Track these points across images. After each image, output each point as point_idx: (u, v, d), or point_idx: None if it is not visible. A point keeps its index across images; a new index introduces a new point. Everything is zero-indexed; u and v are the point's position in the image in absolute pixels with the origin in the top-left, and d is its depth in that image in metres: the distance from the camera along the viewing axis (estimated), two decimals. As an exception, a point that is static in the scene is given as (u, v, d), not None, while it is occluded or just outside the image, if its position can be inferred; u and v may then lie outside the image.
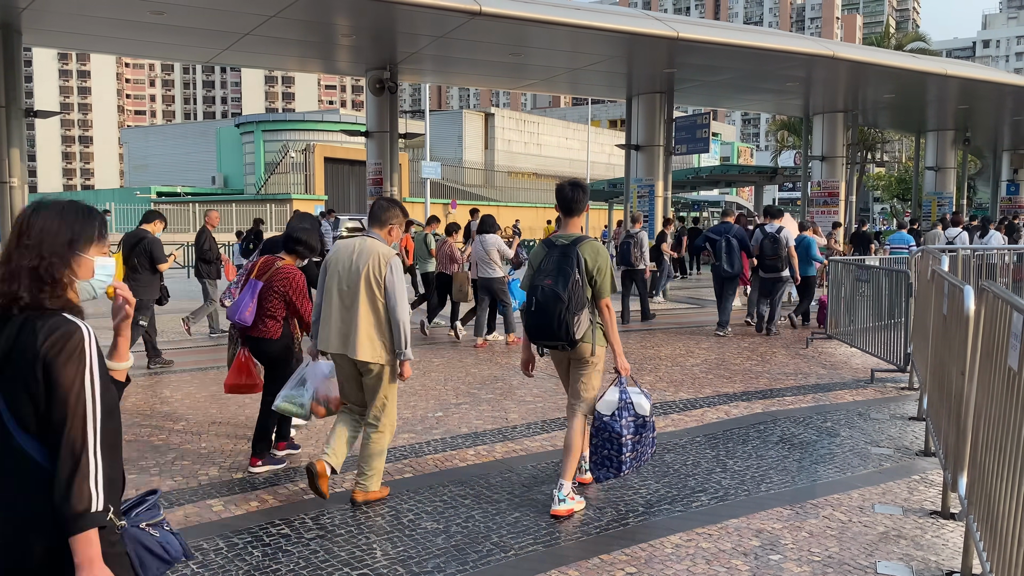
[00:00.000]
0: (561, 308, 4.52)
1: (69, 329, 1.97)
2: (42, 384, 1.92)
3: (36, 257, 2.00)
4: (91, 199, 51.63)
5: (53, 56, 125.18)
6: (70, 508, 1.89)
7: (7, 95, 11.34)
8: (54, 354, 1.93)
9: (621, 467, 4.65)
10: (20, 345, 1.94)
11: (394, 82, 14.89)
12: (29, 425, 1.94)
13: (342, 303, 4.68)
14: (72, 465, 1.90)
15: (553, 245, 4.72)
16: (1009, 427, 3.03)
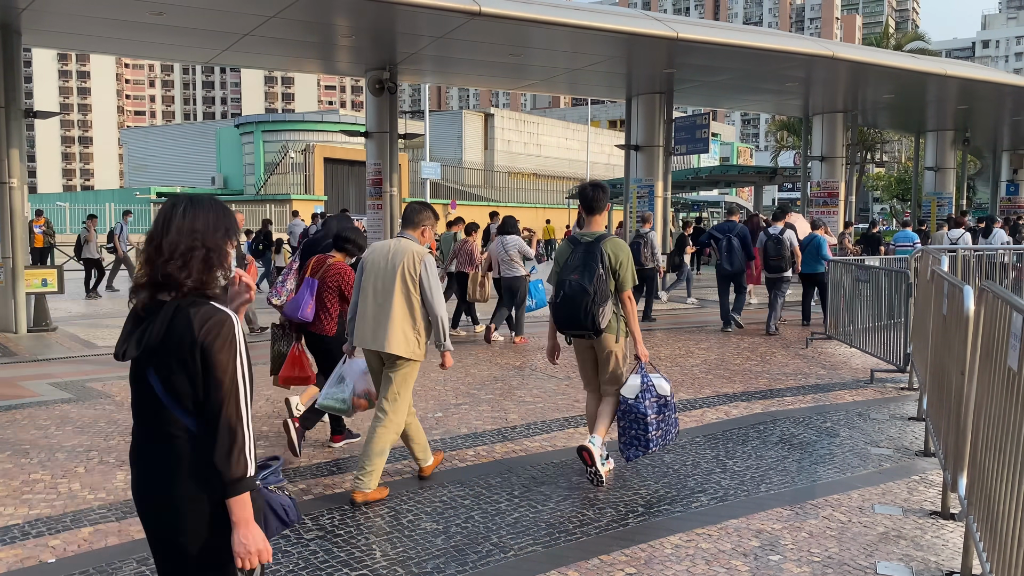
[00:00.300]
0: (588, 300, 4.92)
1: (222, 317, 2.20)
2: (199, 366, 2.15)
3: (202, 247, 2.23)
4: (90, 200, 51.64)
5: (53, 57, 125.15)
6: (230, 475, 2.15)
7: (7, 96, 11.32)
8: (210, 340, 2.16)
9: (649, 444, 5.07)
10: (175, 331, 2.17)
11: (394, 82, 14.88)
12: (184, 401, 2.18)
13: (376, 300, 4.86)
14: (230, 438, 2.15)
15: (578, 242, 5.14)
16: (1009, 427, 3.03)
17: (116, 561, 4.01)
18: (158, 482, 2.23)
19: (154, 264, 2.22)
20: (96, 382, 8.24)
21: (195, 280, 2.21)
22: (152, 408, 2.23)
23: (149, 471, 2.25)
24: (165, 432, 2.21)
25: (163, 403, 2.20)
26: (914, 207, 26.71)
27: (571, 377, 8.53)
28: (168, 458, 2.21)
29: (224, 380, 2.17)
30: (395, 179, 15.27)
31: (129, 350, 2.21)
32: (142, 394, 2.25)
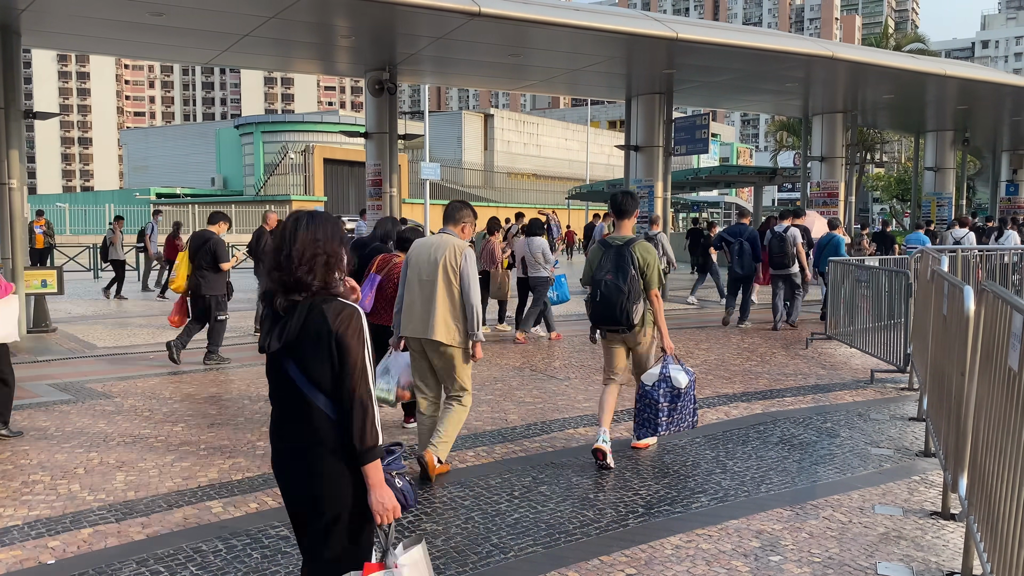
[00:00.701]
0: (622, 299, 5.45)
1: (351, 311, 2.59)
2: (334, 353, 2.52)
3: (323, 253, 2.60)
4: (90, 200, 51.61)
5: (52, 58, 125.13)
6: (364, 444, 2.52)
7: (6, 96, 11.31)
8: (343, 330, 2.53)
9: (657, 428, 5.65)
10: (312, 324, 2.54)
11: (393, 83, 14.87)
12: (319, 385, 2.55)
13: (422, 292, 5.20)
14: (363, 414, 2.51)
15: (609, 245, 5.64)
16: (1009, 428, 3.03)
17: (116, 562, 4.00)
18: (299, 456, 2.59)
19: (283, 270, 2.59)
20: (96, 383, 8.24)
21: (320, 281, 2.59)
22: (290, 393, 2.60)
23: (290, 447, 2.62)
24: (303, 413, 2.58)
25: (300, 388, 2.57)
26: (914, 207, 26.70)
27: (571, 378, 8.53)
28: (307, 435, 2.57)
29: (356, 364, 2.53)
30: (395, 180, 15.27)
31: (272, 343, 2.60)
32: (280, 381, 2.64)
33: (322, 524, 2.60)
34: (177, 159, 63.28)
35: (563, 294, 11.44)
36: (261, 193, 48.69)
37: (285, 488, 2.69)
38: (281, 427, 2.67)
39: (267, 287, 2.65)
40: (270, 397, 2.72)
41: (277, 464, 2.71)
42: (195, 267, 9.04)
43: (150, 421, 6.76)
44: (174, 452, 5.87)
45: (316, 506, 2.60)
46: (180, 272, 9.15)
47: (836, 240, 12.37)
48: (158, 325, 12.51)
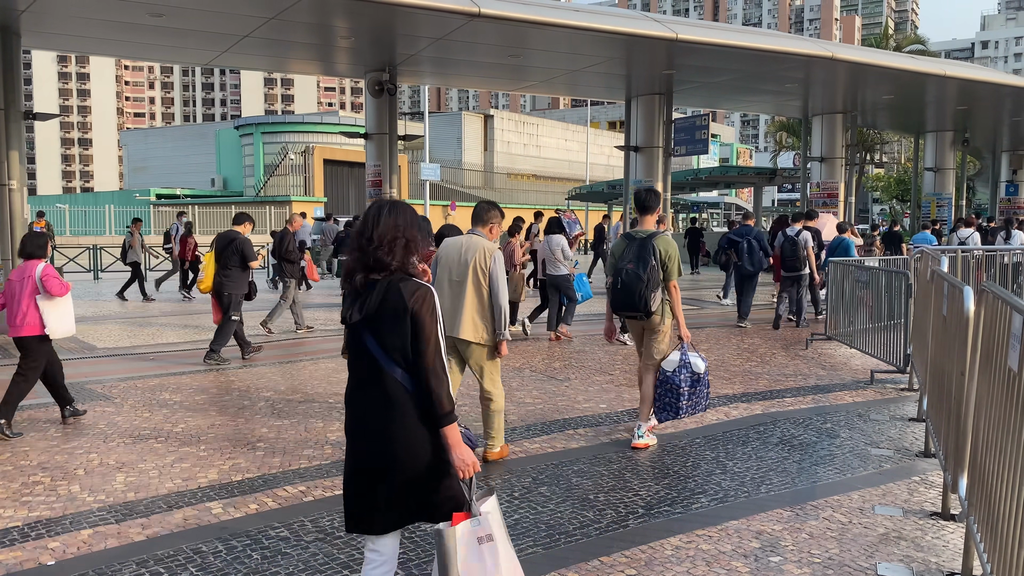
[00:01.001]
0: (641, 287, 5.83)
1: (425, 290, 2.86)
2: (409, 328, 2.79)
3: (403, 237, 2.88)
4: (90, 201, 51.62)
5: (52, 59, 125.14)
6: (441, 409, 2.80)
7: (6, 98, 11.32)
8: (419, 307, 2.81)
9: (679, 412, 5.97)
10: (390, 302, 2.82)
11: (393, 84, 14.87)
12: (394, 356, 2.81)
13: (451, 291, 5.40)
14: (438, 382, 2.80)
15: (632, 238, 6.04)
16: (1009, 428, 3.03)
17: (116, 563, 4.00)
18: (376, 420, 2.84)
19: (365, 251, 2.87)
20: (96, 384, 8.24)
21: (399, 262, 2.88)
22: (368, 362, 2.87)
23: (367, 412, 2.87)
24: (379, 380, 2.84)
25: (377, 358, 2.84)
26: (913, 208, 26.71)
27: (570, 379, 8.53)
28: (383, 401, 2.83)
29: (431, 339, 2.81)
30: (395, 180, 15.28)
31: (353, 315, 2.87)
32: (359, 351, 2.90)
33: (402, 482, 2.83)
34: (177, 160, 63.29)
35: (586, 292, 11.63)
36: (261, 194, 48.69)
37: (362, 450, 2.89)
38: (357, 394, 2.93)
39: (349, 265, 2.94)
40: (349, 366, 2.99)
41: (354, 428, 2.93)
42: (220, 266, 9.28)
43: (150, 422, 6.76)
44: (174, 453, 5.87)
45: (395, 466, 2.83)
46: (208, 272, 9.41)
47: (846, 243, 12.47)
48: (157, 326, 12.51)
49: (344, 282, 2.97)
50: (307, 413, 7.06)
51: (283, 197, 44.51)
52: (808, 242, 12.17)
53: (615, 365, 9.19)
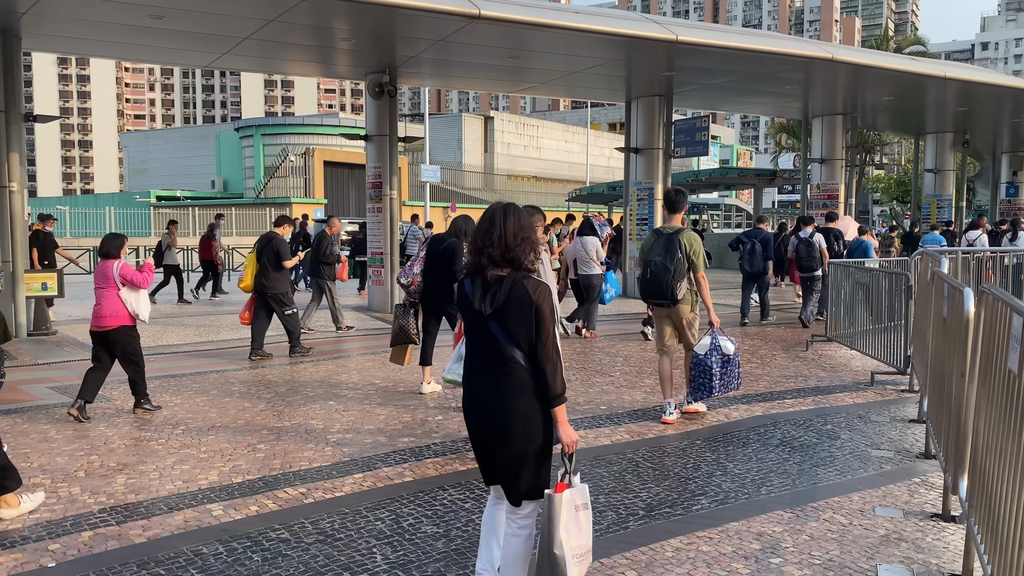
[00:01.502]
0: (668, 276, 6.49)
1: (546, 287, 3.28)
2: (533, 319, 3.19)
3: (528, 239, 3.31)
4: (91, 203, 51.66)
5: (52, 61, 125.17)
6: (554, 391, 3.23)
7: (7, 100, 11.32)
8: (540, 301, 3.22)
9: (712, 390, 6.62)
10: (516, 295, 3.21)
11: (393, 86, 14.86)
12: (517, 342, 3.21)
13: None
14: (553, 368, 3.22)
15: (661, 233, 6.72)
16: (1010, 429, 3.03)
17: (116, 565, 4.01)
18: (498, 399, 3.25)
19: (494, 248, 3.26)
20: (96, 386, 8.23)
21: (526, 260, 3.30)
22: (493, 348, 3.26)
23: (490, 392, 3.28)
24: (503, 365, 3.25)
25: (501, 343, 3.23)
26: (914, 209, 26.70)
27: (571, 380, 8.53)
28: (506, 382, 3.23)
29: (549, 328, 3.23)
30: (395, 182, 15.27)
31: (485, 307, 3.25)
32: (485, 338, 3.29)
33: (518, 453, 3.26)
34: (177, 162, 63.29)
35: (617, 288, 12.13)
36: (261, 196, 48.70)
37: (483, 424, 3.32)
38: (481, 376, 3.33)
39: (473, 263, 3.34)
40: (472, 349, 3.38)
41: (474, 406, 3.36)
42: (260, 267, 9.66)
43: (150, 424, 6.76)
44: (174, 455, 5.87)
45: (512, 437, 3.25)
46: (248, 272, 9.79)
47: (865, 245, 12.80)
48: (156, 327, 12.51)
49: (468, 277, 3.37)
50: (307, 415, 7.06)
51: (283, 199, 44.51)
52: (822, 244, 12.70)
53: (615, 367, 9.19)
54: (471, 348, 3.39)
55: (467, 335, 3.42)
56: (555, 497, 3.20)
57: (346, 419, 6.91)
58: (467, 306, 3.35)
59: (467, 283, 3.38)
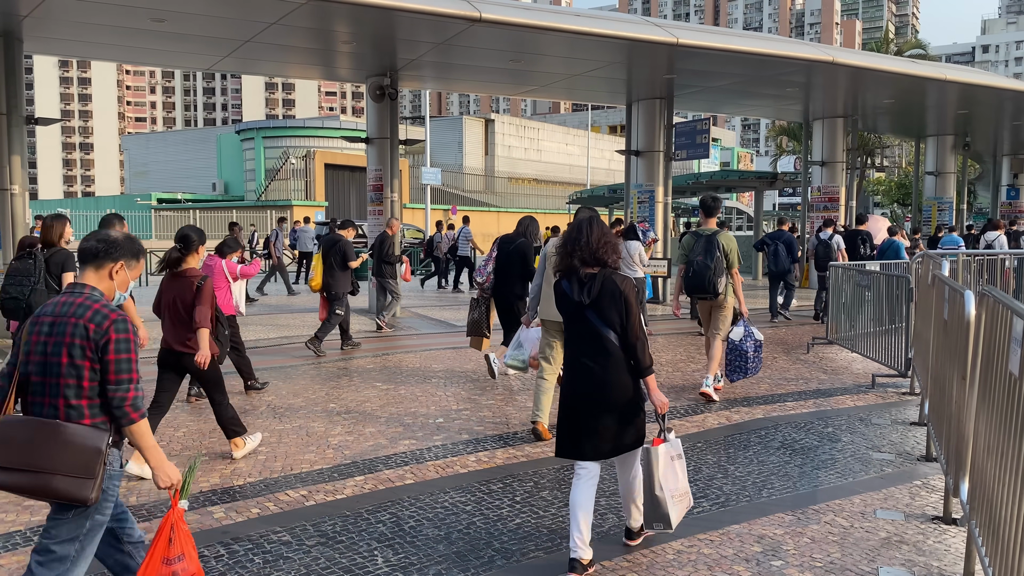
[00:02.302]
0: (709, 273, 7.46)
1: (631, 281, 4.07)
2: (623, 308, 3.94)
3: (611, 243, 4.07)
4: (91, 206, 51.80)
5: (54, 63, 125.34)
6: (643, 364, 3.97)
7: (8, 103, 11.33)
8: (627, 291, 3.99)
9: (747, 372, 7.64)
10: (607, 288, 3.96)
11: (394, 88, 14.87)
12: (612, 327, 3.95)
13: None
14: (641, 346, 3.98)
15: (700, 236, 7.67)
16: (1011, 432, 3.03)
17: (118, 568, 4.01)
18: (600, 373, 3.95)
19: (584, 251, 4.01)
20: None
21: (611, 260, 4.06)
22: (592, 332, 3.98)
23: (592, 368, 3.97)
24: (602, 346, 3.96)
25: (598, 328, 3.96)
26: (915, 212, 26.70)
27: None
28: (605, 359, 3.96)
29: (635, 313, 3.99)
30: (396, 185, 15.27)
31: (583, 299, 3.98)
32: (585, 324, 4.01)
33: (623, 415, 3.96)
34: (178, 164, 63.31)
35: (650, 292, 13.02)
36: (262, 198, 48.72)
37: (587, 395, 3.98)
38: (584, 355, 4.01)
39: (566, 264, 4.08)
40: (573, 335, 4.07)
41: (578, 380, 4.01)
42: (326, 267, 10.22)
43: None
44: (175, 457, 5.88)
45: (610, 401, 3.94)
46: (316, 272, 10.35)
47: (896, 245, 12.94)
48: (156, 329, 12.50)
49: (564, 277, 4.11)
50: (308, 417, 7.06)
51: (284, 201, 44.51)
52: (840, 245, 13.54)
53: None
54: (572, 334, 4.09)
55: (567, 324, 4.11)
56: (653, 450, 4.03)
57: (347, 421, 6.91)
58: (566, 300, 4.09)
59: (564, 282, 4.11)
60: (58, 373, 2.88)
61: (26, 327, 2.99)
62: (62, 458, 2.80)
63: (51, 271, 6.50)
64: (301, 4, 10.42)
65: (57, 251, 6.58)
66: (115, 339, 2.88)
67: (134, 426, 2.94)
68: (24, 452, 2.81)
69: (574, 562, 3.86)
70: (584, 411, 3.97)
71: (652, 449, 4.02)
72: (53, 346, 2.90)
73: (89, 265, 3.01)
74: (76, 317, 2.89)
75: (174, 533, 3.13)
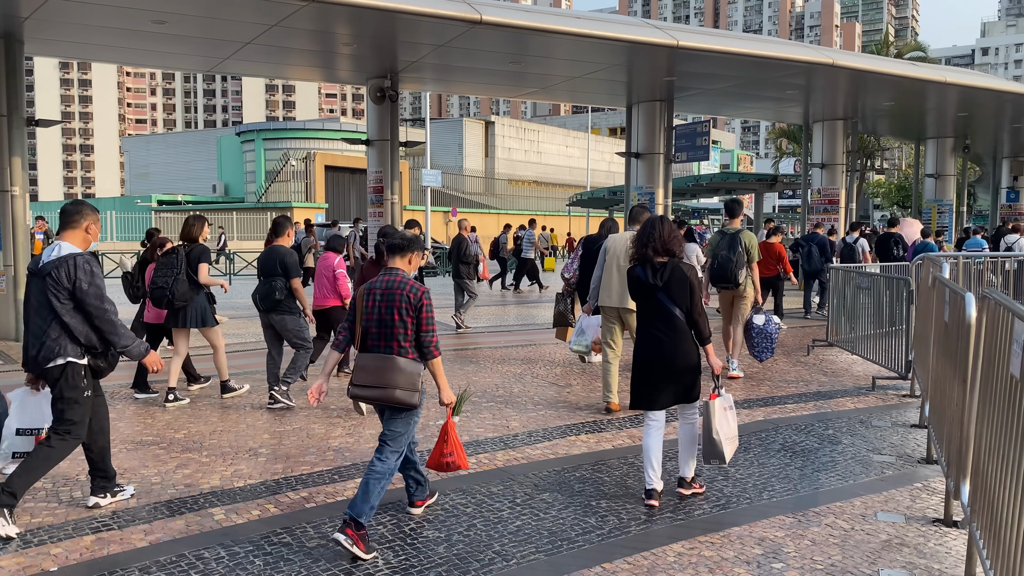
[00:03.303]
0: (731, 266, 8.57)
1: (693, 267, 4.99)
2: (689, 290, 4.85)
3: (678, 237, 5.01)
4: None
5: (54, 65, 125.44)
6: (703, 335, 4.91)
7: (9, 104, 11.35)
8: (692, 277, 4.91)
9: (772, 351, 8.85)
10: (676, 274, 4.86)
11: (395, 91, 14.89)
12: (680, 305, 4.86)
13: (619, 274, 7.04)
14: (704, 321, 4.90)
15: (725, 234, 8.82)
16: (1011, 434, 3.03)
17: (118, 569, 4.01)
18: (669, 343, 4.89)
19: (654, 245, 4.92)
20: (97, 390, 8.23)
21: (678, 251, 4.96)
22: (662, 310, 4.91)
23: (662, 339, 4.91)
24: (670, 321, 4.90)
25: (668, 306, 4.89)
26: (915, 214, 26.70)
27: (572, 385, 8.53)
28: (673, 333, 4.90)
29: (697, 295, 4.93)
30: (396, 187, 15.28)
31: (657, 282, 4.88)
32: (656, 304, 4.93)
33: (686, 375, 4.93)
34: (179, 166, 63.35)
35: None
36: (262, 200, 48.72)
37: (659, 360, 4.92)
38: (655, 329, 4.95)
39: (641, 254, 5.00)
40: (646, 313, 5.02)
41: (652, 348, 4.95)
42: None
43: (151, 428, 6.77)
44: (176, 459, 5.88)
45: (677, 365, 4.90)
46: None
47: (930, 246, 13.39)
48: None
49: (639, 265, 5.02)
50: (309, 419, 7.06)
51: (285, 203, 44.53)
52: (864, 248, 14.38)
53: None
54: (644, 311, 5.03)
55: (640, 304, 5.04)
56: (711, 403, 4.91)
57: (347, 423, 6.91)
58: (640, 283, 4.99)
59: (638, 269, 5.01)
60: (391, 325, 4.29)
61: (360, 295, 4.41)
62: (399, 379, 4.24)
63: (190, 264, 7.57)
64: (302, 6, 10.43)
65: (196, 246, 7.76)
66: (425, 304, 4.31)
67: (435, 360, 4.39)
68: (376, 375, 4.26)
69: (651, 491, 4.91)
70: (656, 373, 4.92)
71: (710, 403, 4.89)
72: (386, 308, 4.31)
73: (397, 255, 4.50)
74: (400, 289, 4.31)
75: (448, 436, 4.64)
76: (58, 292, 4.50)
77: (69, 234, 4.69)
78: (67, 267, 4.50)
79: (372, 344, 4.34)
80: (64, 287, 4.50)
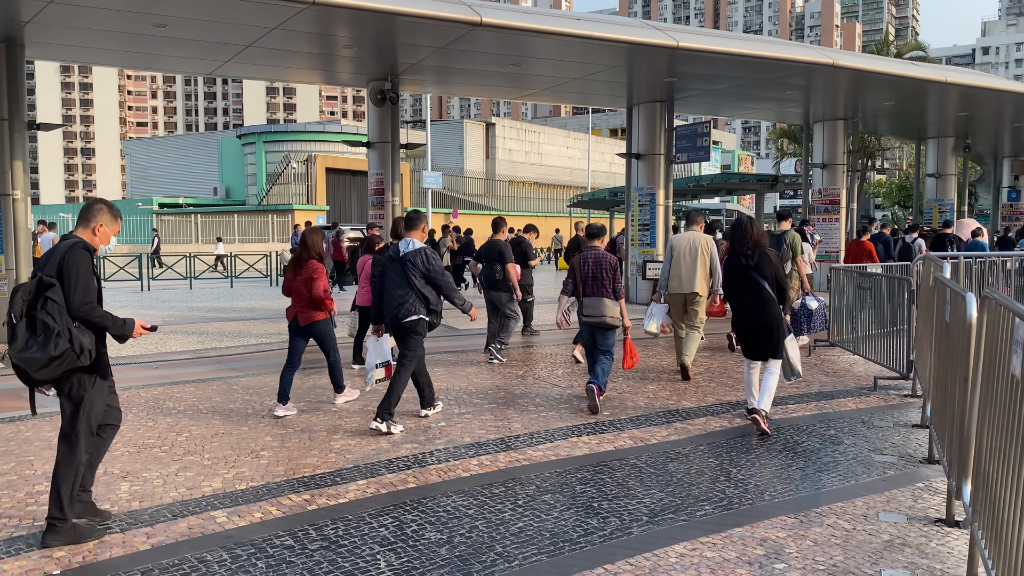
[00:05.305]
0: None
1: (774, 251, 6.81)
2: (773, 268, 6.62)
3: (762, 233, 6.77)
4: (93, 211, 51.70)
5: (55, 69, 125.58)
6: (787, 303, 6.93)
7: (10, 108, 11.36)
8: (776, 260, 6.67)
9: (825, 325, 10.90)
10: (764, 257, 6.60)
11: (395, 93, 14.90)
12: (768, 279, 6.55)
13: (686, 265, 8.85)
14: (785, 291, 6.69)
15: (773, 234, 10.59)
16: (1013, 434, 3.03)
17: (121, 572, 4.01)
18: (761, 309, 6.53)
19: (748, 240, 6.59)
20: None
21: (763, 242, 6.64)
22: (754, 283, 6.51)
23: (754, 306, 6.55)
24: (760, 292, 6.50)
25: (759, 280, 6.50)
26: (916, 214, 26.71)
27: (573, 386, 8.53)
28: (763, 302, 6.51)
29: (780, 270, 6.62)
30: (397, 188, 15.29)
31: (750, 263, 6.56)
32: (749, 279, 6.55)
33: (773, 335, 6.50)
34: (179, 169, 63.42)
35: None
36: (263, 202, 48.76)
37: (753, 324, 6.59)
38: (748, 298, 6.56)
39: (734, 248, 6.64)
40: (739, 287, 6.63)
41: (746, 313, 6.63)
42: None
43: (154, 431, 6.77)
44: (178, 462, 5.88)
45: (770, 328, 6.50)
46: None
47: (981, 245, 13.93)
48: (158, 334, 12.51)
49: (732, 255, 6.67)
50: (310, 421, 7.07)
51: (285, 206, 44.58)
52: (922, 247, 14.82)
53: (617, 373, 9.19)
54: (739, 288, 6.62)
55: (737, 284, 6.62)
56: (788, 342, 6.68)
57: (349, 425, 6.91)
58: (738, 268, 6.59)
59: (736, 259, 6.61)
60: (601, 278, 7.40)
61: (576, 262, 7.50)
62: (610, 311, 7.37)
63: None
64: (302, 9, 10.44)
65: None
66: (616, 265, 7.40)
67: (622, 299, 7.45)
68: (598, 308, 7.36)
69: (752, 409, 6.56)
70: (754, 333, 6.57)
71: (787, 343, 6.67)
72: (596, 267, 7.43)
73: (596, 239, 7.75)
74: (604, 258, 7.42)
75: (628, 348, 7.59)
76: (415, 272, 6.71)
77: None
78: None
79: (588, 292, 7.40)
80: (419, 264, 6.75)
